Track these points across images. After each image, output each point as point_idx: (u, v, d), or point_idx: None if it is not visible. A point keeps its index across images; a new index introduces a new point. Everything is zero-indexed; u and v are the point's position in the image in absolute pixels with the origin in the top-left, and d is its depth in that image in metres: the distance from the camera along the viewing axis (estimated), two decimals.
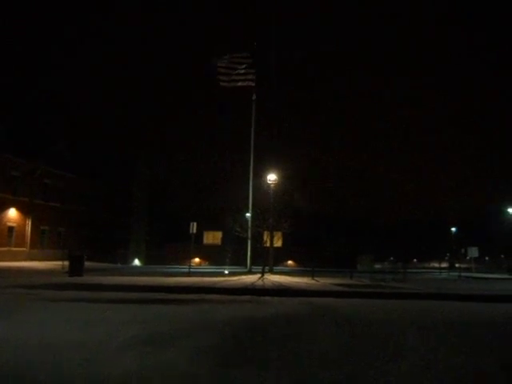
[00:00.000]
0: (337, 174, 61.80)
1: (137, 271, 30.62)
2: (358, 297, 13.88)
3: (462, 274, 32.06)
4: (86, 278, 18.61)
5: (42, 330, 6.64)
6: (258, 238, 29.90)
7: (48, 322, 7.47)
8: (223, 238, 56.39)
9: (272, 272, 26.74)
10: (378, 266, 35.48)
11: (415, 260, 68.53)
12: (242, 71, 26.88)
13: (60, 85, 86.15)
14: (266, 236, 30.63)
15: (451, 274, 37.52)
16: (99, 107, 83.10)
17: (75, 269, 20.06)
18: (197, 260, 54.39)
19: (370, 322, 8.48)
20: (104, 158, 52.10)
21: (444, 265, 57.42)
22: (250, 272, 26.02)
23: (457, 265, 50.07)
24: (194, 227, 25.00)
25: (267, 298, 13.02)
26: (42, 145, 43.79)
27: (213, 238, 58.90)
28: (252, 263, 27.96)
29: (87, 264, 22.16)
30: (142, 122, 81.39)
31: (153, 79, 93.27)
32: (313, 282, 19.60)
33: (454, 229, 68.68)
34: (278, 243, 40.77)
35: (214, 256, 54.42)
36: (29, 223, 41.99)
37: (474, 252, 37.67)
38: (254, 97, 28.12)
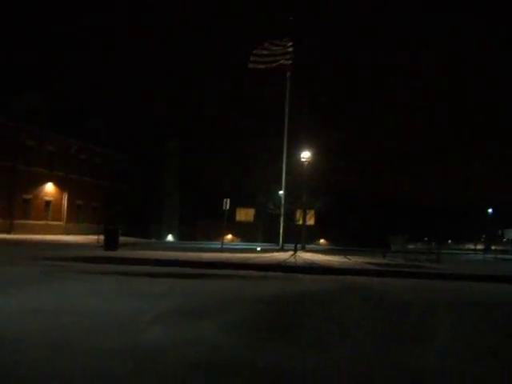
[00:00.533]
0: (371, 153, 61.14)
1: (170, 246, 30.96)
2: (390, 276, 13.75)
3: (498, 256, 31.48)
4: (121, 252, 18.90)
5: (75, 302, 6.76)
6: (290, 216, 29.83)
7: (82, 293, 7.60)
8: (256, 215, 56.60)
9: (304, 250, 26.76)
10: (411, 247, 35.07)
11: (450, 241, 67.56)
12: (280, 51, 26.66)
13: (96, 60, 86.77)
14: (298, 214, 30.56)
15: (487, 255, 36.92)
16: (133, 83, 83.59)
17: (110, 243, 20.38)
18: (229, 237, 54.76)
19: (401, 302, 8.40)
20: (137, 134, 52.52)
21: (480, 246, 56.45)
22: (282, 249, 26.06)
23: (493, 247, 49.18)
24: (227, 204, 25.07)
25: (299, 275, 13.01)
26: (78, 121, 44.37)
27: (245, 215, 59.18)
28: (284, 241, 27.98)
29: (122, 238, 22.48)
30: (175, 98, 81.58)
31: (188, 52, 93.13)
32: (345, 260, 19.51)
33: (490, 210, 67.44)
34: (310, 221, 40.67)
35: (246, 233, 54.73)
36: (65, 197, 42.78)
37: (510, 234, 36.97)
38: (288, 74, 27.85)
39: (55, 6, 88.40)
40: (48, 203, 41.12)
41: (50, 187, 41.14)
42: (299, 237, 27.31)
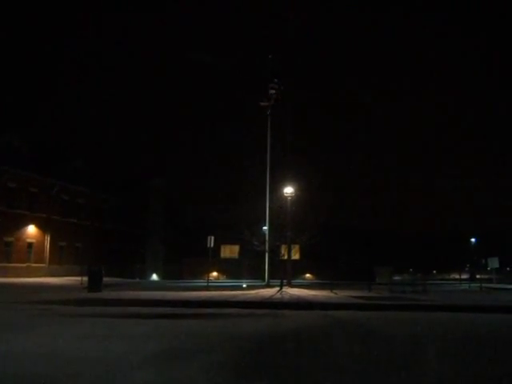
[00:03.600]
0: (354, 187, 61.60)
1: (155, 286, 30.65)
2: (376, 309, 13.75)
3: (483, 285, 31.58)
4: (105, 294, 18.67)
5: (61, 346, 6.67)
6: (275, 251, 29.74)
7: (67, 337, 7.50)
8: (240, 252, 56.28)
9: (290, 285, 26.62)
10: (397, 278, 35.06)
11: (435, 271, 67.72)
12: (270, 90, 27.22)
13: (75, 100, 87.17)
14: (283, 249, 30.48)
15: (472, 285, 37.03)
16: (115, 123, 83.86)
17: (94, 284, 20.14)
18: (214, 274, 54.29)
19: (387, 337, 8.39)
20: (121, 174, 52.43)
21: (464, 276, 56.64)
22: (268, 285, 25.92)
23: (477, 276, 49.36)
24: (211, 241, 24.99)
25: (286, 311, 12.96)
26: (59, 161, 44.20)
27: (230, 251, 58.85)
28: (270, 276, 27.85)
29: (105, 279, 22.21)
30: (158, 137, 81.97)
31: (170, 95, 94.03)
32: (331, 294, 19.47)
33: (473, 239, 67.84)
34: (295, 256, 40.56)
35: (231, 270, 54.31)
36: (47, 239, 42.27)
37: (494, 262, 37.09)
38: (268, 111, 28.13)
39: (37, 44, 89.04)
40: (30, 245, 40.57)
41: (31, 229, 40.67)
42: (285, 272, 27.17)
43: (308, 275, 56.50)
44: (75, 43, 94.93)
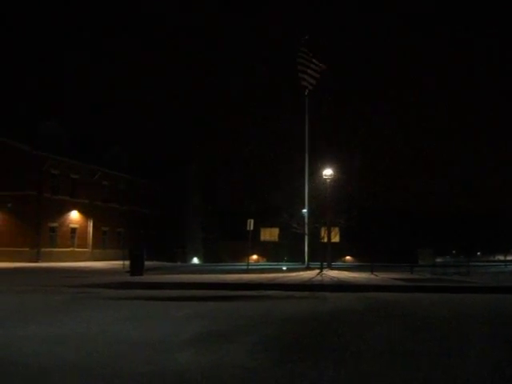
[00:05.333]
0: (399, 166, 60.64)
1: (196, 269, 30.97)
2: (418, 291, 13.58)
3: None
4: (147, 277, 18.96)
5: (106, 328, 6.80)
6: (315, 234, 29.66)
7: (112, 319, 7.64)
8: (280, 235, 56.31)
9: (330, 268, 26.55)
10: (439, 260, 34.55)
11: (479, 253, 66.36)
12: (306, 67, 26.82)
13: (113, 87, 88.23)
14: (323, 232, 30.37)
15: None
16: (153, 109, 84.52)
17: (136, 268, 20.43)
18: (254, 257, 54.55)
19: (429, 318, 8.27)
20: (159, 159, 52.94)
21: (510, 257, 55.36)
22: (308, 268, 25.91)
23: None
24: (251, 224, 25.07)
25: (326, 293, 12.92)
26: (99, 148, 44.96)
27: (270, 234, 58.95)
28: (310, 259, 27.83)
29: (147, 263, 22.54)
30: (196, 120, 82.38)
31: (207, 80, 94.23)
32: (372, 276, 19.32)
33: None
34: (335, 239, 40.35)
35: (271, 252, 54.43)
36: (90, 224, 43.14)
37: None
38: (306, 92, 27.88)
39: (79, 39, 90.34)
40: (74, 230, 41.50)
41: (75, 215, 41.55)
42: (324, 255, 27.07)
43: (348, 258, 56.23)
44: (113, 29, 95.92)
